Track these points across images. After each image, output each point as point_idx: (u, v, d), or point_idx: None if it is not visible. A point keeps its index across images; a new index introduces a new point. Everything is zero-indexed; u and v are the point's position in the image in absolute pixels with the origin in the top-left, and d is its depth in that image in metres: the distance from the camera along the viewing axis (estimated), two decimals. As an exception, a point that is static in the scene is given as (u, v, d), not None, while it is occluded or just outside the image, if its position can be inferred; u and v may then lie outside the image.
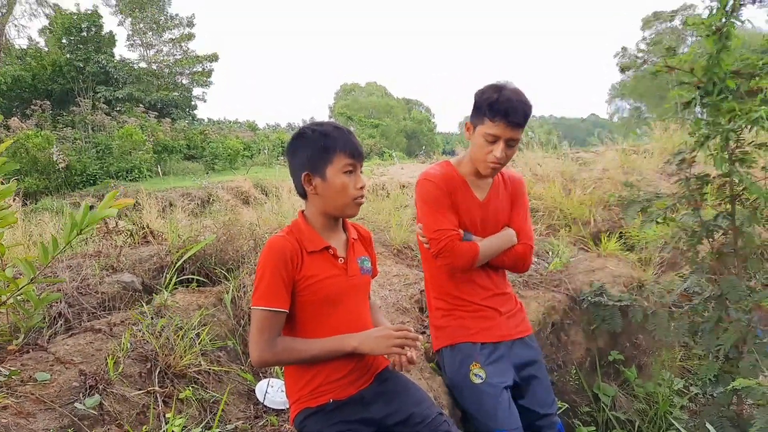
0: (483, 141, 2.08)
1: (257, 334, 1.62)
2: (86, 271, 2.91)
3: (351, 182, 1.69)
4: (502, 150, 2.06)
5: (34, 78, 24.21)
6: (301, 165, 1.71)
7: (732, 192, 2.62)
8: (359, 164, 1.73)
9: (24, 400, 1.74)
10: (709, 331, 2.65)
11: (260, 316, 1.63)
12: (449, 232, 2.10)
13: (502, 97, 2.02)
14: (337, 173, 1.68)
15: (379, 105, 50.66)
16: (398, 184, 7.30)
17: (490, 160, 2.08)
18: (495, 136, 2.05)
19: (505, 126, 2.03)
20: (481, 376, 2.10)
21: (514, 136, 2.06)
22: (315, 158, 1.69)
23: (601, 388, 3.30)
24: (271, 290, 1.63)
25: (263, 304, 1.62)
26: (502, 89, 2.05)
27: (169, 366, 2.19)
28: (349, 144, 1.69)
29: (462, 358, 2.17)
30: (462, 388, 2.16)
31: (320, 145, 1.68)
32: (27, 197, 11.13)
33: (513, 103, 2.01)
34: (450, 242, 2.09)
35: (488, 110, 2.04)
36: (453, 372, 2.20)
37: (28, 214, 6.92)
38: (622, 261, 4.05)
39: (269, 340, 1.62)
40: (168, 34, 31.32)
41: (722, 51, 2.39)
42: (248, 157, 20.70)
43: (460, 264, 2.13)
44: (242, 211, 5.27)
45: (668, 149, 6.63)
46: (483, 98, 2.07)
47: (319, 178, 1.69)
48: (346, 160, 1.68)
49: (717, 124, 2.46)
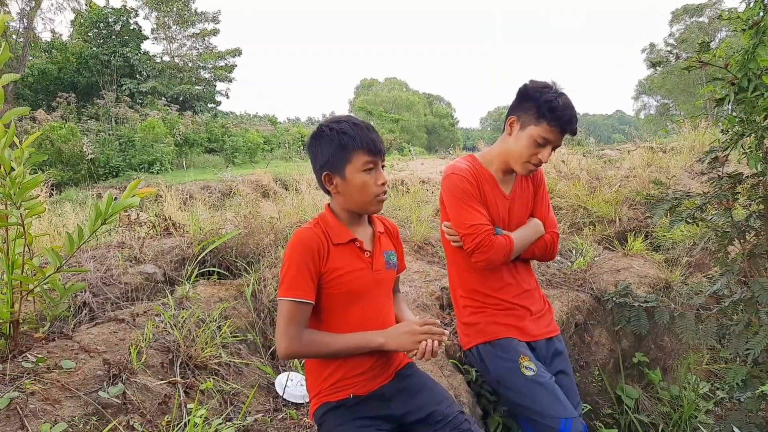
0: (531, 142, 2.03)
1: (284, 325, 1.60)
2: (110, 262, 2.94)
3: (371, 180, 1.66)
4: (549, 155, 2.04)
5: (60, 71, 24.64)
6: (321, 165, 1.69)
7: (766, 192, 2.54)
8: (380, 160, 1.69)
9: (50, 387, 1.76)
10: (738, 334, 2.58)
11: (287, 307, 1.61)
12: (484, 227, 2.05)
13: (562, 102, 1.98)
14: (357, 172, 1.65)
15: (400, 99, 50.54)
16: (418, 180, 7.27)
17: (534, 162, 2.05)
18: (547, 140, 2.01)
19: (560, 132, 2.01)
20: (532, 369, 2.03)
21: (560, 142, 2.06)
22: (334, 158, 1.66)
23: (625, 390, 3.24)
24: (298, 282, 1.61)
25: (290, 295, 1.60)
26: (561, 94, 2.00)
27: (190, 357, 2.20)
28: (368, 141, 1.65)
29: (506, 351, 2.10)
30: (513, 382, 2.06)
31: (338, 143, 1.64)
32: (52, 188, 11.34)
33: (571, 111, 1.99)
34: (486, 237, 2.04)
35: (548, 112, 1.98)
36: (498, 367, 2.11)
37: (53, 204, 7.04)
38: (648, 261, 3.97)
39: (296, 332, 1.60)
40: (192, 28, 31.64)
41: (759, 46, 2.31)
42: (268, 151, 20.81)
43: (497, 259, 2.08)
44: (263, 205, 5.29)
45: (697, 147, 6.50)
46: (541, 98, 2.00)
47: (339, 177, 1.67)
48: (366, 158, 1.65)
49: (752, 122, 2.39)
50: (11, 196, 1.89)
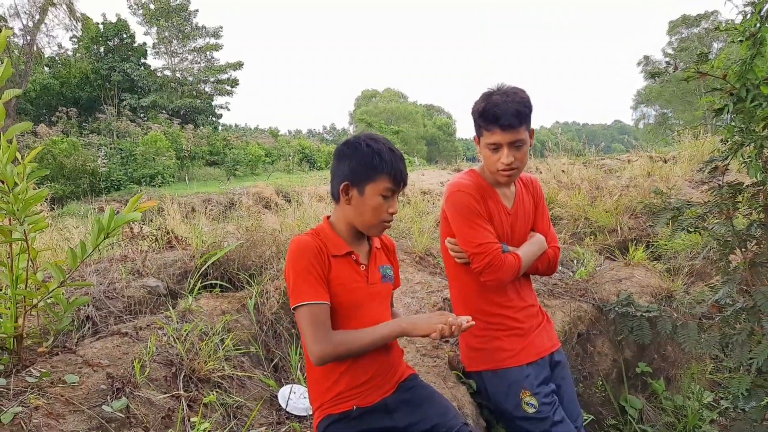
0: (489, 151, 2.04)
1: (311, 331, 1.59)
2: (113, 275, 2.95)
3: (385, 205, 1.69)
4: (508, 155, 2.00)
5: (62, 86, 24.80)
6: (345, 173, 1.70)
7: (766, 200, 2.55)
8: (399, 191, 1.73)
9: (54, 402, 1.76)
10: (741, 343, 2.57)
11: (307, 311, 1.59)
12: (492, 246, 2.04)
13: (490, 103, 1.97)
14: (376, 194, 1.67)
15: (399, 111, 50.72)
16: (419, 191, 7.28)
17: (501, 168, 2.03)
18: (496, 144, 2.00)
19: (501, 131, 1.97)
20: (533, 405, 2.03)
21: (516, 138, 1.99)
22: (360, 172, 1.68)
23: (628, 401, 3.23)
24: (311, 285, 1.61)
25: (304, 299, 1.60)
26: (491, 95, 2.00)
27: (193, 370, 2.20)
28: (397, 170, 1.68)
29: (509, 385, 2.10)
30: (514, 418, 2.09)
31: (370, 161, 1.66)
32: (53, 202, 11.37)
33: (502, 106, 1.95)
34: (496, 257, 2.02)
35: (481, 120, 2.00)
36: (501, 399, 2.13)
37: (55, 218, 7.05)
38: (649, 270, 3.97)
39: (324, 334, 1.59)
40: (193, 43, 31.87)
41: (756, 57, 2.33)
42: (269, 163, 20.88)
43: (507, 278, 2.07)
44: (264, 217, 5.30)
45: (697, 157, 6.52)
46: (475, 109, 2.04)
47: (357, 191, 1.69)
48: (388, 185, 1.68)
49: (751, 132, 2.40)
50: (14, 212, 1.90)
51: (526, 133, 2.02)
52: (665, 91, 36.22)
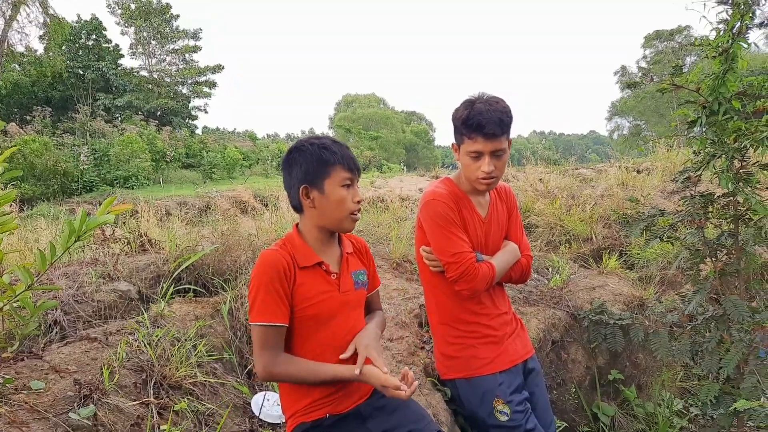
0: (469, 159, 2.04)
1: (259, 350, 1.60)
2: (83, 279, 2.88)
3: (349, 196, 1.68)
4: (489, 163, 2.01)
5: (34, 84, 24.25)
6: (299, 178, 1.69)
7: (736, 211, 2.61)
8: (357, 178, 1.73)
9: (18, 409, 1.71)
10: (711, 351, 2.63)
11: (260, 332, 1.60)
12: (467, 255, 2.04)
13: (474, 111, 1.98)
14: (336, 187, 1.67)
15: (377, 116, 50.82)
16: (398, 197, 7.29)
17: (481, 176, 2.03)
18: (478, 152, 2.01)
19: (484, 140, 1.98)
20: (506, 413, 2.04)
21: (497, 147, 2.00)
22: (313, 171, 1.67)
23: (601, 408, 3.27)
24: (268, 305, 1.60)
25: (261, 319, 1.59)
26: (473, 103, 2.01)
27: (164, 377, 2.15)
28: (347, 158, 1.69)
29: (483, 393, 2.10)
30: (487, 426, 2.10)
31: (319, 158, 1.66)
32: (23, 203, 11.10)
33: (485, 114, 1.95)
34: (471, 266, 2.03)
35: (464, 128, 2.01)
36: (474, 407, 2.13)
37: (24, 219, 6.88)
38: (622, 279, 4.03)
39: (271, 356, 1.59)
40: (172, 44, 31.53)
41: (728, 72, 2.39)
42: (247, 167, 20.71)
43: (481, 288, 2.07)
44: (241, 221, 5.24)
45: (669, 168, 6.65)
46: (457, 117, 2.04)
47: (316, 191, 1.67)
48: (345, 174, 1.67)
49: (723, 144, 2.46)
50: (-18, 212, 1.84)
51: (506, 143, 2.04)
52: (640, 104, 37.06)
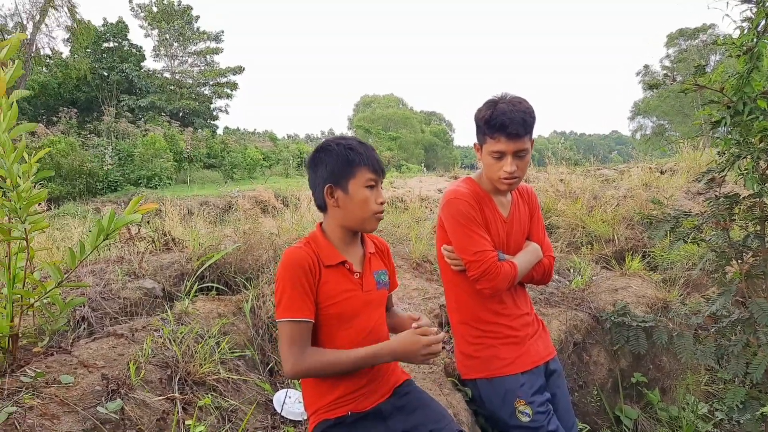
0: (491, 159, 2.04)
1: (287, 346, 1.61)
2: (109, 277, 2.94)
3: (372, 197, 1.70)
4: (511, 163, 2.00)
5: (60, 86, 24.75)
6: (324, 177, 1.72)
7: (762, 213, 2.56)
8: (381, 179, 1.75)
9: (49, 402, 1.75)
10: (737, 355, 2.58)
11: (287, 328, 1.61)
12: (489, 254, 2.04)
13: (497, 111, 1.97)
14: (360, 187, 1.69)
15: (396, 117, 50.83)
16: (417, 197, 7.29)
17: (503, 176, 2.03)
18: (501, 152, 2.00)
19: (506, 140, 1.97)
20: (527, 414, 2.03)
21: (520, 147, 2.00)
22: (338, 171, 1.69)
23: (623, 411, 3.23)
24: (295, 301, 1.62)
25: (288, 315, 1.61)
26: (496, 103, 2.01)
27: (189, 373, 2.19)
28: (373, 159, 1.71)
29: (504, 393, 2.10)
30: (509, 427, 2.10)
31: (345, 158, 1.69)
32: (50, 202, 11.36)
33: (508, 114, 1.95)
34: (492, 265, 2.02)
35: (486, 128, 2.00)
36: (495, 407, 2.13)
37: (52, 218, 7.04)
38: (646, 281, 3.97)
39: (300, 352, 1.60)
40: (194, 46, 31.95)
41: (753, 71, 2.35)
42: (267, 167, 20.88)
43: (503, 287, 2.07)
44: (262, 221, 5.30)
45: (694, 168, 6.54)
46: (480, 117, 2.04)
47: (341, 191, 1.70)
48: (369, 175, 1.69)
49: (748, 144, 2.42)
50: (17, 211, 1.90)
51: (529, 143, 2.03)
52: (663, 104, 36.42)
